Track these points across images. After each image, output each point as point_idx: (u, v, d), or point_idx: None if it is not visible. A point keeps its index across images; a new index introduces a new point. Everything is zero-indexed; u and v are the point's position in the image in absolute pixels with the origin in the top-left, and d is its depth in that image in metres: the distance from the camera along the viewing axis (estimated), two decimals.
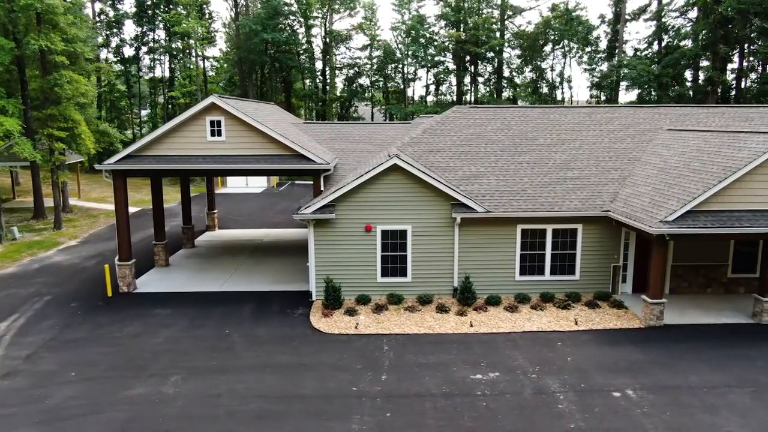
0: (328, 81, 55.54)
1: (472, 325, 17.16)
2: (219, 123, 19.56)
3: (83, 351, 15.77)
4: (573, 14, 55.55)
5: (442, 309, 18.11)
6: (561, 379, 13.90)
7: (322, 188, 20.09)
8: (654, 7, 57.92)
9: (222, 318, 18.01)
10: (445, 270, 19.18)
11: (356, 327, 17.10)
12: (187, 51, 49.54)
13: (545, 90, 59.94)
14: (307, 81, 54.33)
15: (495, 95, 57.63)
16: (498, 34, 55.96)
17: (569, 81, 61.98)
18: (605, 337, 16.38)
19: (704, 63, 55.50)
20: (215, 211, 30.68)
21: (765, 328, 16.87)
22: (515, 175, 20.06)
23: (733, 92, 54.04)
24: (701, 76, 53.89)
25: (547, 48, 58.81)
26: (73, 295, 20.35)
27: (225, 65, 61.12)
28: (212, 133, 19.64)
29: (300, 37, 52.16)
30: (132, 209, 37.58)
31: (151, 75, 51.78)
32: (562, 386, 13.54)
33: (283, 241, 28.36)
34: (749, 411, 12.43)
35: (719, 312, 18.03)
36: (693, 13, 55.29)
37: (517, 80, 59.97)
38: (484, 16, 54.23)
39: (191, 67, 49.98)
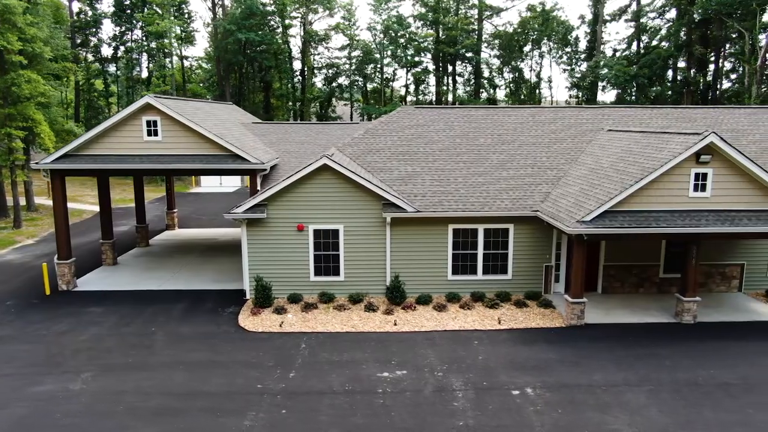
0: (303, 81, 55.64)
1: (396, 324, 17.31)
2: (155, 123, 19.73)
3: (5, 348, 15.94)
4: (551, 14, 55.62)
5: (370, 308, 18.26)
6: (465, 377, 14.04)
7: (258, 188, 20.26)
8: (634, 7, 58.05)
9: (152, 316, 18.18)
10: (378, 269, 19.32)
11: (281, 326, 17.25)
12: (166, 51, 49.69)
13: (524, 91, 60.08)
14: (285, 81, 54.41)
15: (473, 96, 57.75)
16: (475, 35, 56.05)
17: (550, 81, 62.00)
18: (524, 336, 16.51)
19: (682, 64, 55.65)
20: (174, 210, 30.85)
21: (684, 328, 16.99)
22: (450, 175, 20.19)
23: (710, 93, 54.14)
24: (678, 76, 53.94)
25: (526, 48, 58.90)
26: (11, 293, 20.53)
27: (207, 65, 61.33)
28: (149, 133, 19.81)
29: (277, 37, 52.25)
30: (97, 208, 37.84)
31: (128, 75, 51.93)
32: (464, 384, 13.69)
33: (238, 240, 28.44)
34: (640, 409, 12.56)
35: (645, 311, 18.15)
36: (671, 14, 55.42)
37: (497, 81, 60.08)
38: (458, 16, 54.27)
39: (168, 66, 50.16)
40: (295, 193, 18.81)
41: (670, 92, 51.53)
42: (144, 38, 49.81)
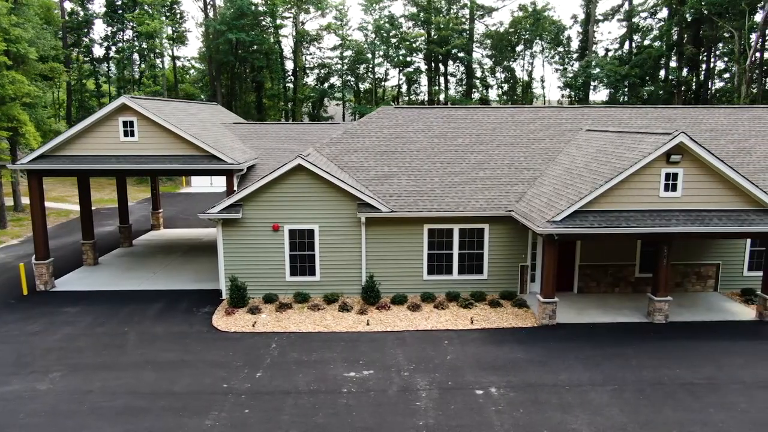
0: (298, 81, 55.69)
1: (368, 324, 17.34)
2: (132, 123, 19.77)
3: None
4: (543, 14, 55.59)
5: (344, 308, 18.29)
6: (431, 377, 14.07)
7: (235, 188, 20.29)
8: (627, 7, 58.05)
9: (127, 316, 18.21)
10: (353, 269, 19.35)
11: (253, 325, 17.29)
12: (157, 51, 49.73)
13: (518, 90, 60.09)
14: (277, 81, 54.42)
15: (465, 96, 57.76)
16: (467, 34, 56.04)
17: (542, 81, 62.02)
18: (495, 335, 16.54)
19: (674, 64, 55.65)
20: (160, 210, 30.90)
21: (655, 328, 17.01)
22: (427, 176, 20.22)
23: (701, 93, 54.14)
24: (670, 76, 53.91)
25: (519, 48, 58.88)
26: None
27: (200, 66, 61.38)
28: (125, 134, 19.86)
29: (268, 37, 52.26)
30: None
31: (119, 75, 51.96)
32: (429, 384, 13.72)
33: None
34: (602, 409, 12.59)
35: (618, 311, 18.17)
36: (663, 14, 55.43)
37: (490, 81, 60.08)
38: (449, 16, 54.25)
39: (159, 67, 50.20)
40: (271, 193, 18.84)
41: (661, 92, 51.49)
42: (134, 38, 49.83)
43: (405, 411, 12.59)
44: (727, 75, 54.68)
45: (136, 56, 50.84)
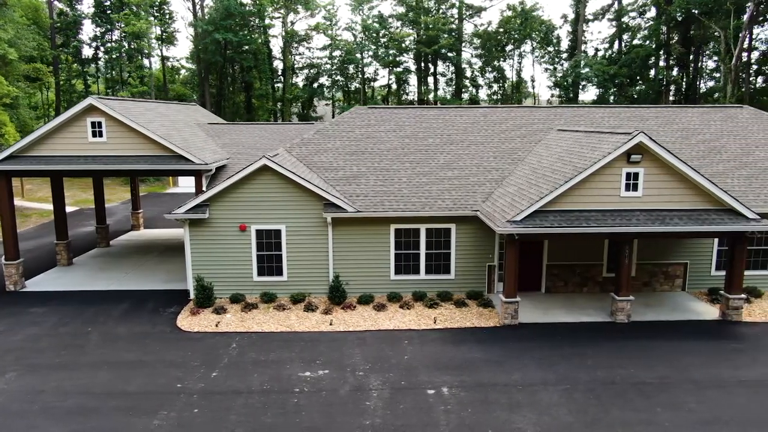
0: (284, 81, 55.71)
1: (331, 324, 17.37)
2: (100, 124, 19.81)
3: None
4: (531, 14, 55.57)
5: (309, 308, 18.33)
6: (385, 377, 14.10)
7: (204, 188, 20.32)
8: (616, 7, 58.03)
9: (92, 316, 18.25)
10: (321, 269, 19.37)
11: (216, 325, 17.33)
12: (145, 51, 49.80)
13: (508, 90, 60.08)
14: (264, 81, 54.43)
15: (455, 96, 57.77)
16: (455, 34, 56.03)
17: (533, 81, 61.99)
18: (456, 335, 16.56)
19: (664, 63, 55.64)
20: (140, 210, 30.96)
21: (617, 327, 17.02)
22: (395, 176, 20.24)
23: (693, 92, 54.13)
24: (660, 76, 53.90)
25: (508, 48, 58.86)
26: None
27: (191, 65, 61.46)
28: (94, 134, 19.89)
29: (256, 37, 52.31)
30: (70, 209, 37.97)
31: (106, 75, 52.03)
32: (382, 384, 13.74)
33: None
34: (550, 408, 12.61)
35: (583, 311, 18.18)
36: (652, 13, 55.38)
37: (480, 81, 60.08)
38: (436, 16, 54.22)
39: (146, 67, 50.24)
40: (237, 193, 18.87)
41: (649, 91, 51.49)
42: (122, 39, 49.89)
43: (354, 411, 12.61)
44: (717, 75, 54.70)
45: (124, 56, 50.80)
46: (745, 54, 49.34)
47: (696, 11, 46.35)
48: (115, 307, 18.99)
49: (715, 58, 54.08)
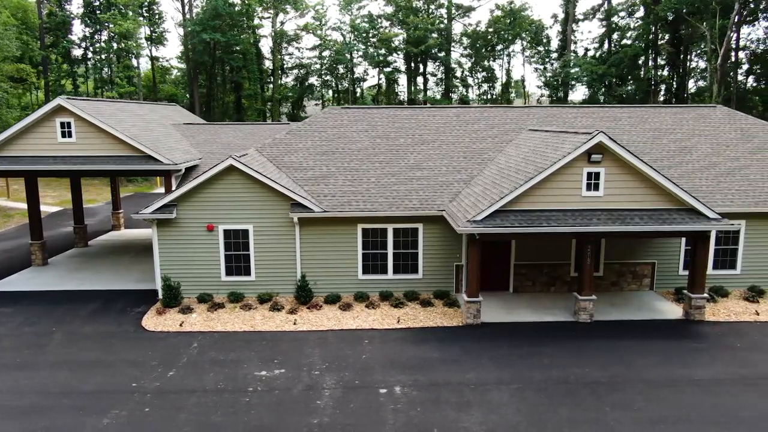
0: (273, 81, 55.79)
1: (295, 324, 17.43)
2: (69, 125, 19.89)
3: None
4: (520, 13, 55.59)
5: (275, 307, 18.39)
6: (340, 376, 14.16)
7: (173, 188, 20.38)
8: (606, 6, 58.06)
9: (60, 316, 18.32)
10: (288, 269, 19.42)
11: (181, 325, 17.39)
12: (132, 52, 49.88)
13: (499, 90, 60.13)
14: (253, 81, 54.48)
15: (444, 95, 57.82)
16: (444, 34, 56.07)
17: (523, 80, 62.02)
18: (418, 335, 16.61)
19: (653, 63, 55.65)
20: (120, 211, 31.03)
21: (579, 327, 17.07)
22: (364, 176, 20.30)
23: (682, 92, 54.16)
24: (649, 76, 53.94)
25: (498, 48, 58.89)
26: None
27: (183, 66, 61.54)
28: (63, 135, 19.98)
29: (244, 37, 52.37)
30: (54, 209, 38.12)
31: (95, 76, 52.12)
32: (336, 383, 13.80)
33: None
34: (499, 407, 12.66)
35: (547, 310, 18.23)
36: (641, 13, 55.40)
37: (470, 81, 60.12)
38: (423, 17, 54.22)
39: (134, 67, 50.32)
40: (205, 193, 18.92)
41: (636, 91, 51.52)
42: (110, 39, 49.98)
43: (304, 410, 12.67)
44: (707, 74, 54.73)
45: (113, 57, 50.91)
46: (736, 54, 49.49)
47: (684, 10, 46.35)
48: (84, 307, 19.06)
49: (704, 57, 54.19)
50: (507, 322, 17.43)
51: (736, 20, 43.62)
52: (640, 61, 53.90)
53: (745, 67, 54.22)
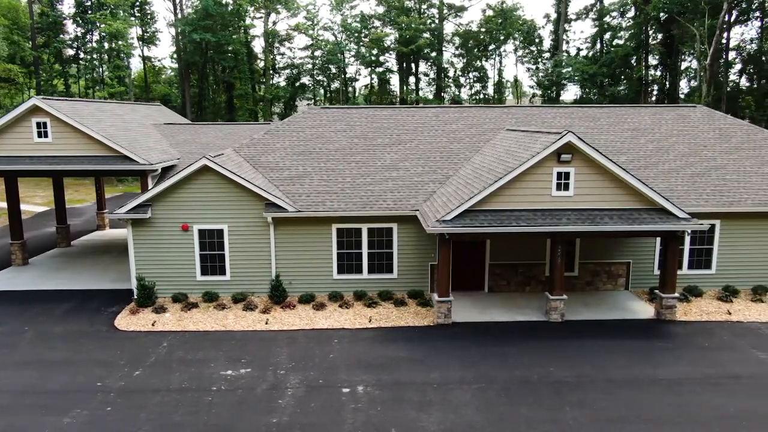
0: (265, 81, 55.85)
1: (267, 323, 17.47)
2: (45, 125, 19.94)
3: None
4: (512, 13, 55.58)
5: (249, 307, 18.42)
6: (305, 375, 14.19)
7: (150, 188, 20.41)
8: (599, 6, 58.01)
9: (33, 316, 18.36)
10: (263, 268, 19.45)
11: (153, 325, 17.43)
12: (123, 52, 49.94)
13: (492, 91, 60.12)
14: (244, 81, 54.51)
15: (435, 95, 57.83)
16: (436, 34, 56.08)
17: (516, 80, 62.00)
18: (388, 334, 16.64)
19: (652, 62, 55.63)
20: (105, 211, 31.06)
21: (550, 326, 17.08)
22: (339, 176, 20.33)
23: (673, 92, 54.11)
24: (638, 75, 53.86)
25: (490, 47, 58.87)
26: None
27: (176, 66, 61.62)
28: (39, 135, 20.03)
29: (235, 37, 52.41)
30: (41, 209, 38.18)
31: (85, 76, 52.20)
32: (300, 383, 13.83)
33: None
34: (459, 407, 12.68)
35: (520, 310, 18.25)
36: (633, 13, 55.33)
37: (462, 81, 60.11)
38: (413, 16, 54.18)
39: (126, 67, 50.38)
40: (179, 193, 18.96)
41: (627, 91, 51.50)
42: (101, 39, 50.06)
43: (265, 409, 12.71)
44: (697, 74, 54.66)
45: (105, 57, 50.98)
46: (726, 54, 49.42)
47: (674, 10, 46.32)
48: (58, 307, 19.10)
49: (695, 57, 54.13)
50: (479, 321, 17.46)
51: (726, 20, 43.58)
52: (633, 61, 53.82)
53: (738, 66, 54.24)
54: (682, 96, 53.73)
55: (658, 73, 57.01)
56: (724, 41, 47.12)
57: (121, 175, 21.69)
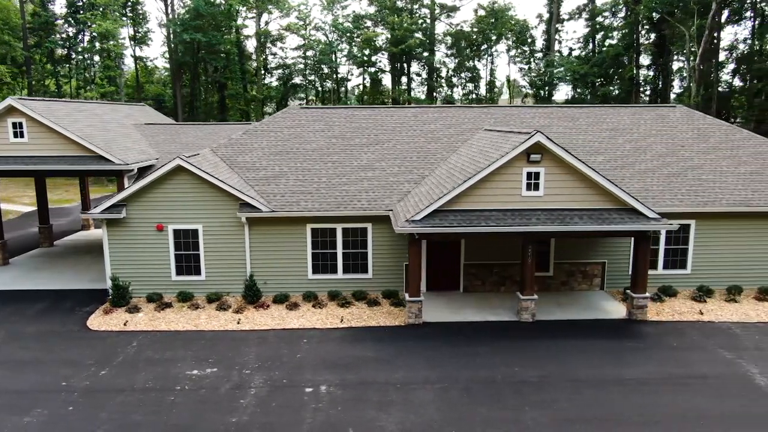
0: (257, 81, 55.89)
1: (239, 323, 17.48)
2: (21, 125, 19.98)
3: None
4: (504, 13, 55.57)
5: (222, 307, 18.44)
6: (270, 375, 14.20)
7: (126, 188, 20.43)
8: (591, 6, 58.02)
9: (6, 316, 18.38)
10: (238, 268, 19.47)
11: (125, 324, 17.46)
12: (113, 52, 49.96)
13: (482, 90, 60.12)
14: (234, 81, 54.53)
15: (427, 95, 57.85)
16: (428, 33, 56.08)
17: (508, 80, 61.99)
18: (358, 334, 16.65)
19: (645, 62, 55.63)
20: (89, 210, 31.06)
21: (520, 326, 17.08)
22: (315, 176, 20.34)
23: (665, 91, 54.11)
24: (629, 75, 53.88)
25: (483, 47, 58.87)
26: None
27: (167, 65, 61.67)
28: (15, 135, 20.06)
29: (226, 38, 52.43)
30: (28, 209, 38.21)
31: (76, 75, 52.25)
32: (264, 382, 13.85)
33: None
34: (420, 407, 12.69)
35: (492, 310, 18.25)
36: (624, 13, 55.35)
37: (454, 80, 60.11)
38: (403, 16, 54.15)
39: (117, 67, 50.41)
40: (154, 193, 18.98)
41: (618, 91, 51.50)
42: (92, 39, 50.11)
43: (226, 408, 12.73)
44: (686, 74, 54.66)
45: (95, 57, 51.04)
46: (721, 54, 49.46)
47: (662, 11, 46.32)
48: (32, 307, 19.12)
49: (684, 57, 54.13)
50: (450, 321, 17.47)
51: (716, 20, 43.56)
52: (625, 61, 53.83)
53: (732, 66, 54.24)
54: (673, 96, 53.79)
55: (651, 73, 57.07)
56: (716, 41, 47.13)
57: (97, 175, 21.73)
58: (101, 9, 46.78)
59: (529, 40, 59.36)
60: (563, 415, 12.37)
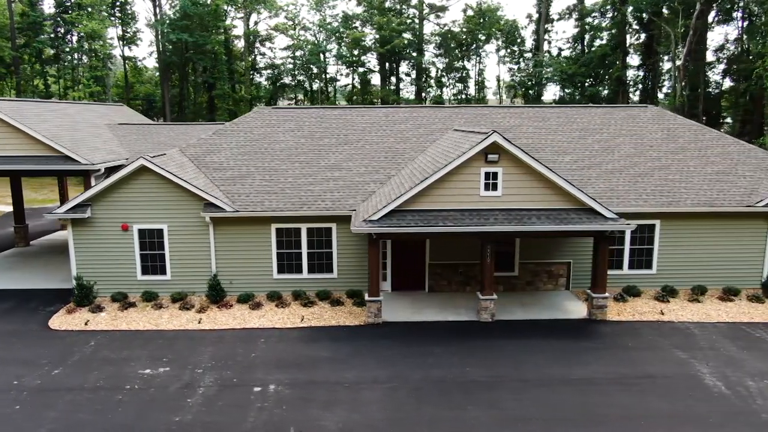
0: (245, 81, 55.95)
1: (200, 323, 17.53)
2: None
3: None
4: (492, 13, 55.59)
5: (185, 306, 18.49)
6: (221, 374, 14.24)
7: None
8: (580, 7, 58.03)
9: None
10: (203, 268, 19.50)
11: (86, 324, 17.50)
12: (100, 52, 50.05)
13: (471, 90, 60.15)
14: (222, 82, 54.59)
15: (416, 96, 57.88)
16: (417, 34, 56.12)
17: (498, 80, 62.04)
18: (317, 334, 16.68)
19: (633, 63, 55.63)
20: None
21: (479, 326, 17.11)
22: (282, 176, 20.38)
23: (653, 92, 54.12)
24: (616, 75, 53.88)
25: (472, 47, 58.89)
26: None
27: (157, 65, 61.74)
28: None
29: (213, 38, 52.50)
30: (6, 208, 38.26)
31: (64, 75, 52.35)
32: (214, 382, 13.88)
33: None
34: (365, 406, 12.72)
35: (454, 310, 18.28)
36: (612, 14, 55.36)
37: (444, 80, 60.13)
38: (389, 16, 54.16)
39: (106, 67, 50.50)
40: (119, 193, 19.02)
41: (607, 91, 51.49)
42: (79, 39, 50.20)
43: (172, 407, 12.76)
44: (676, 75, 54.61)
45: (83, 57, 51.14)
46: (709, 54, 49.45)
47: (651, 11, 46.34)
48: None
49: (670, 57, 54.11)
50: (410, 321, 17.49)
51: (701, 20, 43.54)
52: (616, 61, 53.79)
53: (722, 67, 54.21)
54: (661, 96, 53.81)
55: (641, 73, 57.07)
56: (704, 41, 47.11)
57: (64, 175, 21.74)
58: (88, 9, 46.83)
59: (519, 40, 59.38)
60: (505, 414, 12.39)
